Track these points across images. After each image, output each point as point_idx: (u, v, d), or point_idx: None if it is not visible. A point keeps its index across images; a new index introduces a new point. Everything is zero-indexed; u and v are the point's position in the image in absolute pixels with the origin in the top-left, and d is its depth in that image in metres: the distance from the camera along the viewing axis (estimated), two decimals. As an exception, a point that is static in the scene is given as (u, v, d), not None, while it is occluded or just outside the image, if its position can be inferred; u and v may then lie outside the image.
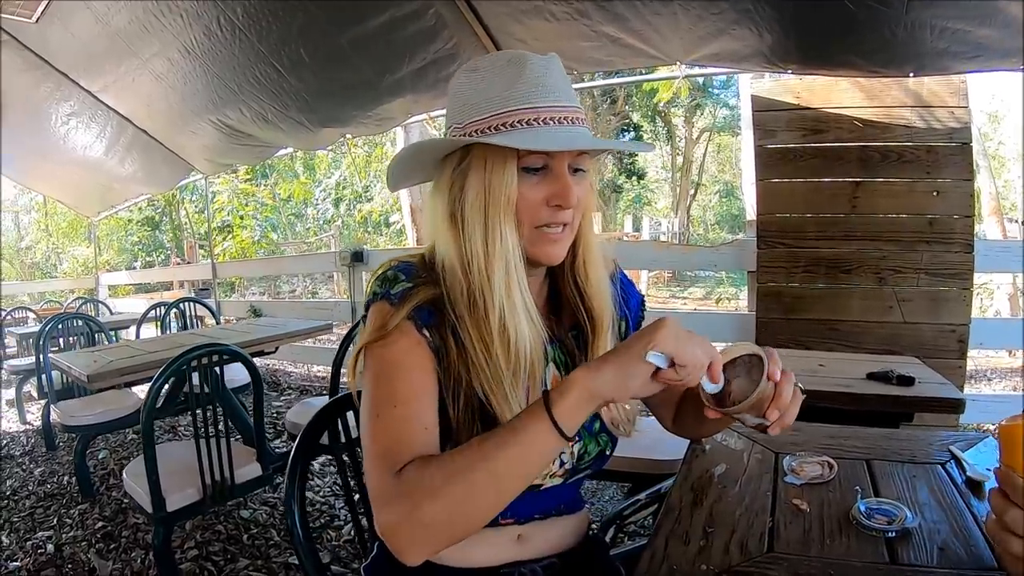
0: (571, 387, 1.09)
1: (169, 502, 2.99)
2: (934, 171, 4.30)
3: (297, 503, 1.58)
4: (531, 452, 1.10)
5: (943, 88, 4.29)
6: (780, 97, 4.64)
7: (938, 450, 1.70)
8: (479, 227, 1.24)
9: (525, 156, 1.23)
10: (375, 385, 1.23)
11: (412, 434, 1.18)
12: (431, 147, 1.30)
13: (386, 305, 1.26)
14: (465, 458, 1.09)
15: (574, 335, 1.46)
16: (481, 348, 1.24)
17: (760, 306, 4.73)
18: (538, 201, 1.25)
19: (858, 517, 1.34)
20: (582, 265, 1.41)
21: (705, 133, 27.08)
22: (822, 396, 2.63)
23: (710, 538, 1.31)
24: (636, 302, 1.62)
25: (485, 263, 1.24)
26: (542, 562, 1.47)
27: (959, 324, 4.32)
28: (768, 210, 4.67)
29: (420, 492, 1.07)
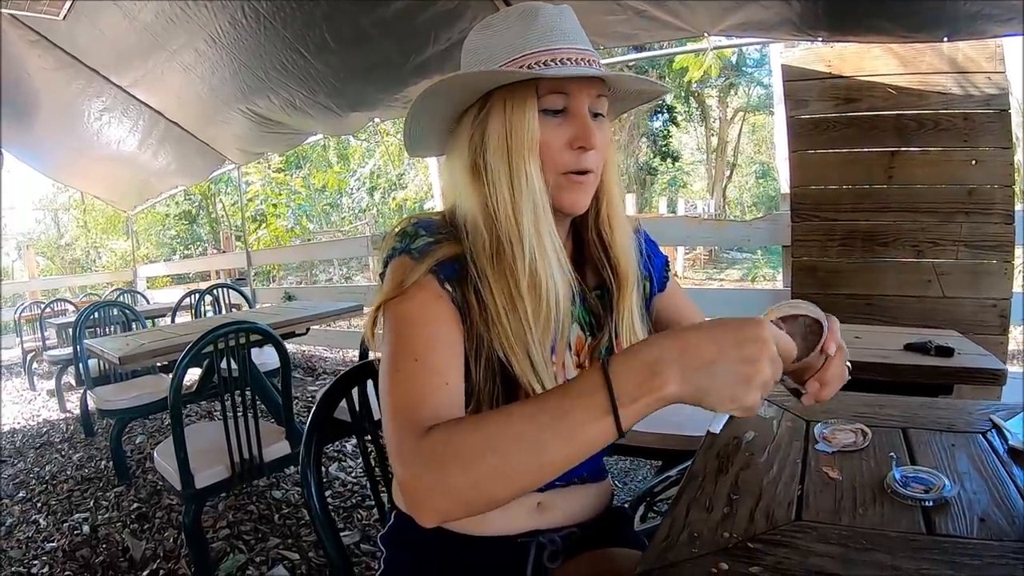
0: (653, 383, 0.94)
1: (198, 479, 3.02)
2: (972, 139, 4.16)
3: (313, 472, 1.56)
4: (582, 446, 0.97)
5: (979, 53, 4.15)
6: (811, 66, 4.54)
7: (979, 419, 1.62)
8: (503, 172, 1.20)
9: (545, 96, 1.20)
10: (394, 340, 1.16)
11: (433, 388, 1.10)
12: (453, 84, 1.22)
13: (407, 259, 1.21)
14: (503, 431, 0.98)
15: (598, 294, 1.42)
16: (504, 303, 1.20)
17: (795, 281, 4.64)
18: (561, 144, 1.22)
19: (893, 485, 1.26)
20: (606, 219, 1.37)
21: (740, 113, 26.87)
22: (857, 367, 2.53)
23: (734, 506, 1.25)
24: (660, 262, 1.58)
25: (512, 208, 1.20)
26: (561, 532, 1.44)
27: (1000, 298, 4.18)
28: (802, 182, 4.57)
29: (449, 457, 0.98)
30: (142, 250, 20.65)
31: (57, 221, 25.85)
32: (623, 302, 1.37)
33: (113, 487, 4.58)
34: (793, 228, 4.62)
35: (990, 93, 4.13)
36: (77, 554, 3.64)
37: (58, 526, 4.04)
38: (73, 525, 4.02)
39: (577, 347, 1.37)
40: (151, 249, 22.76)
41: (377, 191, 22.58)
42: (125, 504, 4.25)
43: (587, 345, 1.38)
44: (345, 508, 3.95)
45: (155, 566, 3.43)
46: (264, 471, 3.27)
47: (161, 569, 3.40)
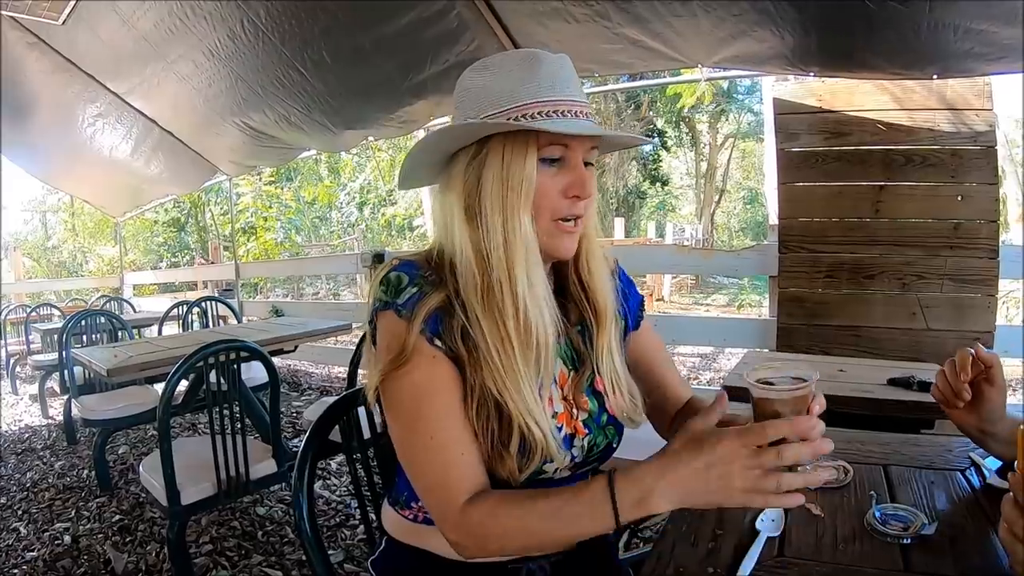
0: (647, 504, 1.10)
1: (184, 495, 3.02)
2: (959, 175, 4.21)
3: (305, 497, 1.57)
4: (589, 535, 1.16)
5: (968, 90, 4.21)
6: (802, 100, 4.58)
7: (958, 457, 1.65)
8: (498, 217, 1.24)
9: (545, 147, 1.24)
10: (406, 417, 1.26)
11: (455, 463, 1.23)
12: (458, 133, 1.28)
13: (394, 317, 1.26)
14: (531, 524, 1.17)
15: (579, 330, 1.45)
16: (495, 342, 1.25)
17: (781, 311, 4.67)
18: (556, 192, 1.27)
19: (873, 523, 1.31)
20: (586, 261, 1.42)
21: (730, 139, 27.02)
22: (840, 401, 2.59)
23: (719, 541, 1.29)
24: (636, 302, 1.62)
25: (505, 252, 1.24)
26: (551, 558, 1.47)
27: (983, 332, 4.22)
28: (790, 214, 4.61)
29: (490, 535, 1.20)
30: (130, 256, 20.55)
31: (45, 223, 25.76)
32: (602, 339, 1.42)
33: (95, 497, 4.55)
34: (780, 259, 4.65)
35: (978, 130, 4.18)
36: (58, 564, 3.61)
37: (39, 535, 4.01)
38: (54, 535, 4.00)
39: (561, 381, 1.40)
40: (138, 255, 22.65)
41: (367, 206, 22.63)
42: (107, 515, 4.23)
43: (570, 379, 1.42)
44: (329, 527, 3.92)
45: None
46: (250, 489, 3.27)
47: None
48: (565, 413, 1.38)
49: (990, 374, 1.41)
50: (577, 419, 1.39)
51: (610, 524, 1.11)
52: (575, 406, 1.40)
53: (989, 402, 1.41)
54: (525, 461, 1.26)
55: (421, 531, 1.45)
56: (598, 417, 1.42)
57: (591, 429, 1.40)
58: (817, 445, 1.05)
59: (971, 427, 1.44)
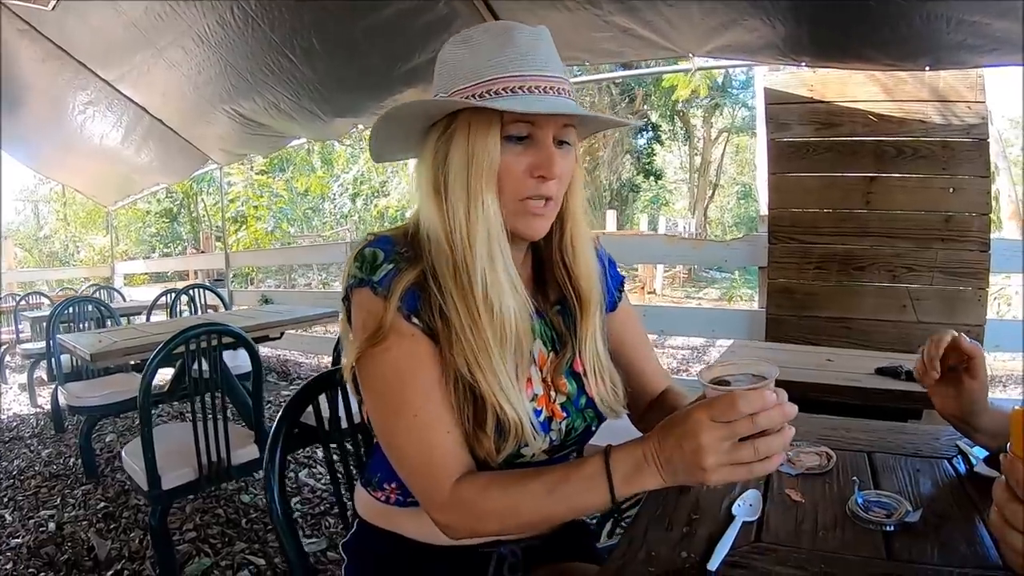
0: (637, 479, 1.11)
1: (165, 480, 2.99)
2: (950, 167, 4.20)
3: (277, 477, 1.55)
4: (584, 512, 1.20)
5: (960, 82, 4.20)
6: (794, 90, 4.57)
7: (945, 445, 1.62)
8: (462, 195, 1.21)
9: (509, 124, 1.20)
10: (387, 395, 1.24)
11: (440, 441, 1.21)
12: (416, 110, 1.26)
13: (370, 294, 1.23)
14: (525, 502, 1.17)
15: (559, 310, 1.42)
16: (468, 321, 1.21)
17: (770, 303, 4.66)
18: (521, 171, 1.23)
19: (855, 509, 1.27)
20: (570, 244, 1.38)
21: (723, 134, 27.01)
22: (827, 389, 2.57)
23: (694, 526, 1.25)
24: (616, 283, 1.59)
25: (467, 232, 1.21)
26: (523, 543, 1.45)
27: (974, 325, 4.21)
28: (780, 205, 4.61)
29: (481, 514, 1.19)
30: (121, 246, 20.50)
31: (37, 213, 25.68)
32: (586, 324, 1.39)
33: (81, 485, 4.53)
34: (770, 250, 4.64)
35: (970, 122, 4.18)
36: (42, 551, 3.59)
37: (24, 522, 3.99)
38: (39, 522, 3.98)
39: (540, 362, 1.37)
40: (130, 246, 22.65)
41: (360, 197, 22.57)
42: (92, 503, 4.22)
43: (550, 360, 1.39)
44: (313, 515, 3.91)
45: (120, 566, 3.39)
46: (232, 474, 3.23)
47: (125, 570, 3.37)
48: (544, 396, 1.35)
49: (971, 365, 1.39)
50: (555, 402, 1.36)
51: (605, 499, 1.10)
52: (554, 388, 1.37)
53: (971, 392, 1.38)
54: (503, 443, 1.23)
55: (393, 513, 1.43)
56: (576, 400, 1.39)
57: (569, 412, 1.37)
58: (787, 433, 1.05)
59: (953, 417, 1.43)
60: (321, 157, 21.91)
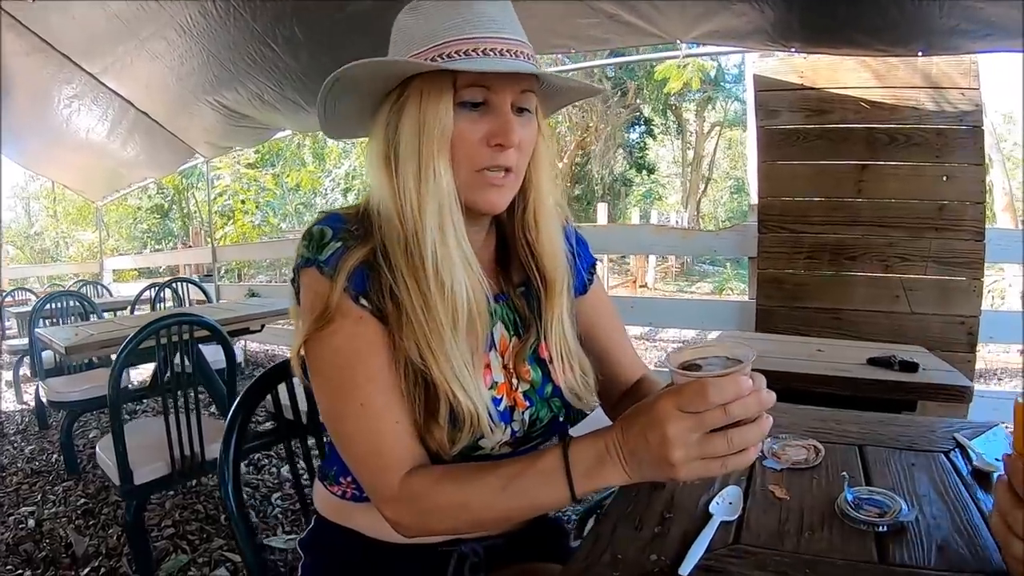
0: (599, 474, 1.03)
1: (137, 475, 2.92)
2: (944, 155, 4.16)
3: (231, 468, 1.47)
4: (542, 510, 1.15)
5: (953, 68, 4.16)
6: (783, 77, 4.52)
7: (942, 437, 1.53)
8: (412, 165, 1.13)
9: (463, 89, 1.12)
10: (331, 381, 1.17)
11: (387, 431, 1.14)
12: (359, 73, 1.16)
13: (316, 274, 1.16)
14: (476, 498, 1.09)
15: (523, 291, 1.35)
16: (419, 301, 1.14)
17: (760, 293, 4.61)
18: (476, 140, 1.14)
19: (844, 507, 1.17)
20: (532, 220, 1.30)
21: (716, 127, 27.08)
22: (816, 380, 2.51)
23: (667, 525, 1.16)
24: (587, 264, 1.50)
25: (417, 204, 1.13)
26: (486, 542, 1.38)
27: (969, 316, 4.18)
28: (770, 193, 4.55)
29: (430, 509, 1.12)
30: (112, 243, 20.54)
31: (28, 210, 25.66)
32: (551, 305, 1.31)
33: (62, 481, 4.49)
34: (760, 239, 4.59)
35: (964, 109, 4.14)
36: (20, 548, 3.56)
37: (3, 519, 3.96)
38: (19, 519, 3.94)
39: (501, 348, 1.30)
40: (122, 242, 22.63)
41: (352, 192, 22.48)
42: (72, 499, 4.18)
43: (512, 345, 1.31)
44: (294, 511, 3.88)
45: (96, 563, 3.35)
46: (206, 468, 3.16)
47: (103, 567, 3.32)
48: (505, 383, 1.28)
49: None
50: (517, 390, 1.29)
51: (564, 496, 1.04)
52: (515, 375, 1.29)
53: None
54: (457, 434, 1.16)
55: (349, 508, 1.36)
56: (541, 388, 1.31)
57: (533, 401, 1.30)
58: (765, 423, 0.96)
59: None
60: (312, 152, 21.84)
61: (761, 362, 0.99)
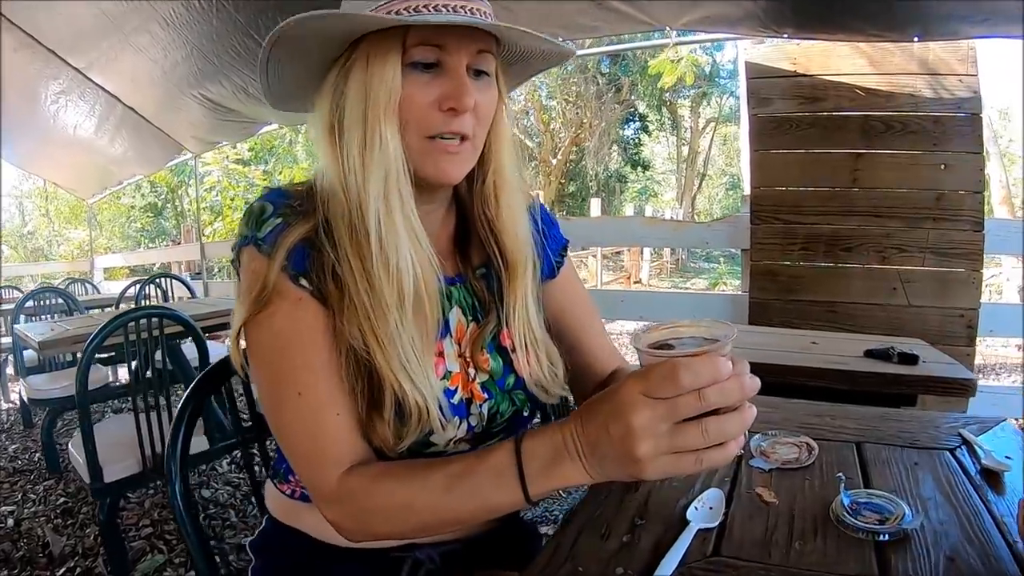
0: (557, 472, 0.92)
1: (107, 472, 2.85)
2: (941, 143, 4.08)
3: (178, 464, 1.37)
4: (494, 512, 1.00)
5: (951, 55, 4.08)
6: (776, 63, 4.45)
7: (947, 433, 1.42)
8: (357, 131, 1.04)
9: (413, 48, 1.03)
10: (269, 368, 1.08)
11: (327, 424, 1.05)
12: (299, 33, 1.03)
13: (254, 252, 1.08)
14: (420, 498, 1.00)
15: (483, 273, 1.25)
16: (363, 281, 1.05)
17: (754, 286, 4.53)
18: (428, 103, 1.05)
19: (840, 513, 1.06)
20: (492, 194, 1.20)
21: (711, 123, 27.09)
22: (809, 373, 2.41)
23: (637, 533, 1.05)
24: (557, 245, 1.40)
25: (362, 173, 1.04)
26: (443, 547, 1.27)
27: (968, 308, 4.10)
28: (763, 183, 4.47)
29: (371, 511, 1.02)
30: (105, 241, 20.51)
31: (22, 209, 25.64)
32: (513, 288, 1.21)
33: (44, 480, 4.45)
34: (753, 231, 4.51)
35: (961, 96, 4.06)
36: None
37: (-17, 519, 3.94)
38: (-2, 518, 3.92)
39: (458, 335, 1.20)
40: (116, 241, 22.56)
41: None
42: (52, 498, 4.14)
43: (468, 332, 1.21)
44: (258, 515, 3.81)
45: (72, 563, 3.32)
46: None
47: (78, 567, 3.29)
48: (460, 373, 1.18)
49: None
50: (475, 381, 1.19)
51: (517, 498, 0.93)
52: (472, 365, 1.19)
53: None
54: (404, 429, 1.06)
55: (298, 509, 1.27)
56: (502, 379, 1.21)
57: (492, 393, 1.20)
58: (748, 413, 0.84)
59: None
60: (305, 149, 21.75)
61: (751, 354, 0.88)
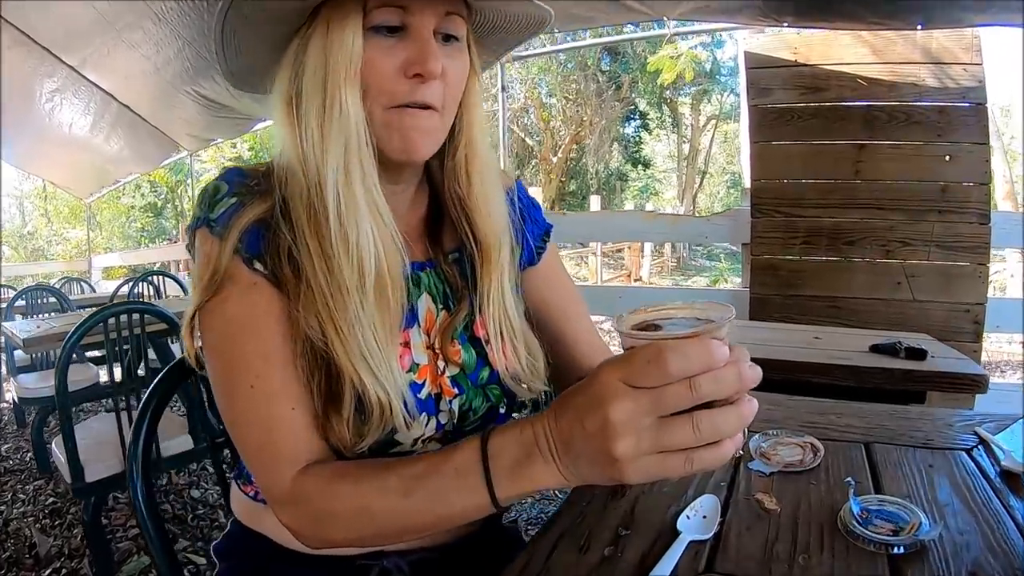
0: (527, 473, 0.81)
1: (88, 472, 2.78)
2: (946, 133, 4.00)
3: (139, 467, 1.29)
4: (458, 520, 0.89)
5: (955, 43, 4.01)
6: (776, 53, 4.37)
7: (961, 432, 1.33)
8: (316, 100, 0.96)
9: (375, 11, 0.95)
10: (222, 358, 1.00)
11: (281, 419, 0.97)
12: None
13: (207, 235, 1.01)
14: (376, 502, 0.90)
15: (455, 258, 1.16)
16: (322, 264, 0.97)
17: (754, 281, 4.45)
18: (392, 70, 0.97)
19: (849, 522, 0.95)
20: (464, 171, 1.12)
21: (712, 121, 27.07)
22: (812, 369, 2.32)
23: (621, 545, 0.95)
24: (538, 230, 1.31)
25: (320, 146, 0.96)
26: (414, 555, 1.17)
27: (974, 303, 4.03)
28: (763, 176, 4.39)
29: (326, 516, 0.94)
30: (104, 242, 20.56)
31: (23, 210, 25.70)
32: (487, 273, 1.12)
33: (34, 480, 4.41)
34: (753, 224, 4.43)
35: (966, 86, 3.99)
36: (-15, 548, 3.51)
37: (-28, 520, 3.93)
38: (-13, 518, 3.90)
39: (427, 324, 1.12)
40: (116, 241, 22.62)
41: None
42: (41, 499, 4.11)
43: (438, 320, 1.13)
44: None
45: (58, 564, 3.29)
46: (163, 466, 3.06)
47: (64, 568, 3.25)
48: (429, 366, 1.09)
49: None
50: (444, 374, 1.10)
51: (483, 502, 0.83)
52: (443, 357, 1.11)
53: None
54: (365, 427, 0.98)
55: (260, 512, 1.19)
56: (474, 373, 1.13)
57: (463, 388, 1.11)
58: (747, 408, 0.72)
59: None
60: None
61: (752, 350, 0.74)
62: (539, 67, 21.63)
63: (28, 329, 3.93)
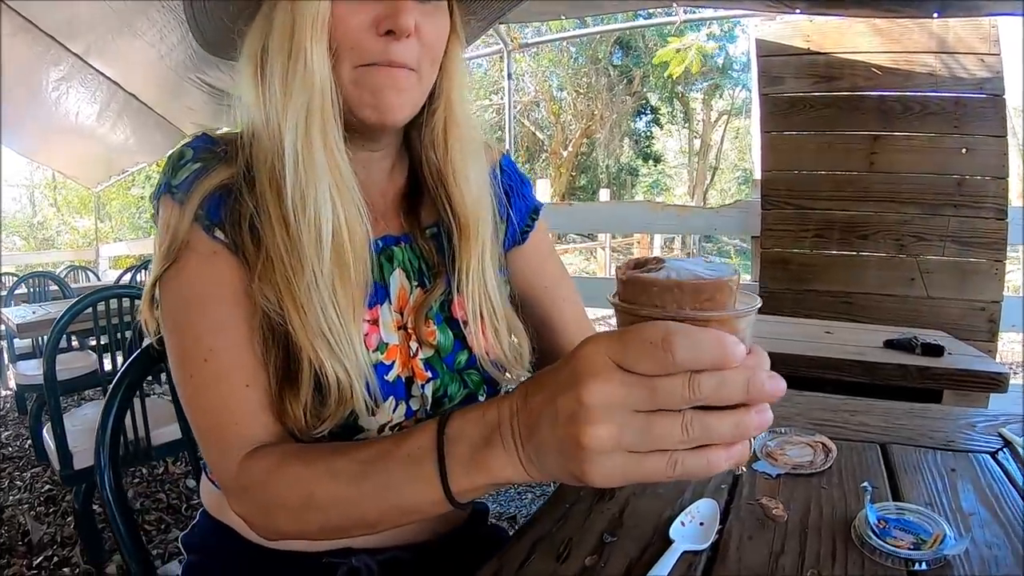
0: (486, 465, 0.70)
1: (77, 459, 2.76)
2: (962, 125, 3.93)
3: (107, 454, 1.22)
4: (412, 516, 0.81)
5: (971, 33, 3.93)
6: (788, 41, 4.30)
7: (984, 433, 1.25)
8: (280, 57, 0.90)
9: None
10: (178, 331, 0.94)
11: (234, 396, 0.90)
12: None
13: (169, 201, 0.95)
14: (323, 490, 0.81)
15: (433, 233, 1.09)
16: (282, 232, 0.91)
17: (764, 275, 4.39)
18: (362, 26, 0.90)
19: (865, 533, 0.87)
20: (441, 138, 1.05)
21: (723, 116, 26.97)
22: (824, 364, 2.25)
23: (605, 555, 0.87)
24: (525, 207, 1.24)
25: (282, 102, 0.89)
26: (383, 554, 1.08)
27: (990, 301, 3.97)
28: (775, 166, 4.33)
29: (273, 505, 0.86)
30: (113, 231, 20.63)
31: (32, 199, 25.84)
32: (466, 250, 1.05)
33: (32, 467, 4.43)
34: (764, 216, 4.37)
35: (983, 76, 3.92)
36: (-21, 535, 3.51)
37: (-32, 506, 3.93)
38: (-18, 505, 3.91)
39: (400, 302, 1.04)
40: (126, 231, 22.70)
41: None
42: (38, 486, 4.13)
43: (412, 298, 1.05)
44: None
45: (50, 552, 3.30)
46: (152, 455, 2.98)
47: (56, 555, 3.28)
48: (400, 346, 1.02)
49: None
50: (417, 356, 1.03)
51: (435, 496, 0.73)
52: (415, 337, 1.03)
53: None
54: (324, 410, 0.91)
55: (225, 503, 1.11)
56: (451, 356, 1.06)
57: (437, 372, 1.04)
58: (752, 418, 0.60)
59: None
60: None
61: (761, 344, 0.64)
62: (550, 59, 21.60)
63: (24, 315, 3.95)
